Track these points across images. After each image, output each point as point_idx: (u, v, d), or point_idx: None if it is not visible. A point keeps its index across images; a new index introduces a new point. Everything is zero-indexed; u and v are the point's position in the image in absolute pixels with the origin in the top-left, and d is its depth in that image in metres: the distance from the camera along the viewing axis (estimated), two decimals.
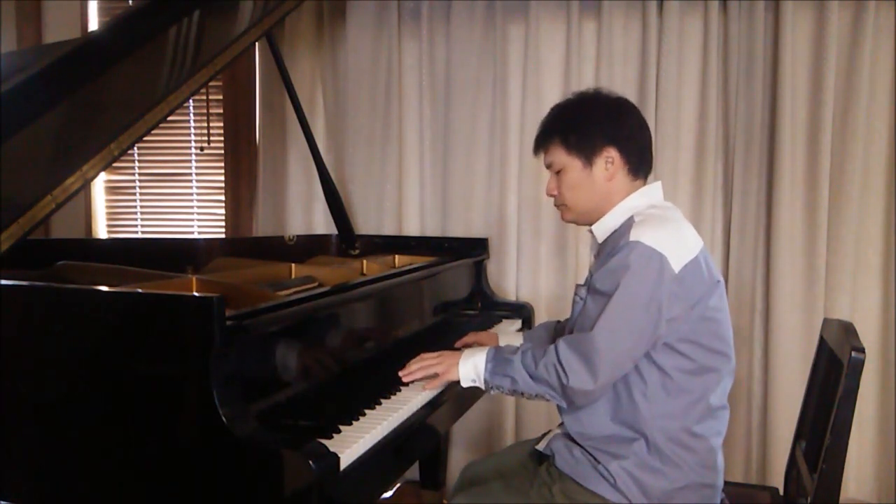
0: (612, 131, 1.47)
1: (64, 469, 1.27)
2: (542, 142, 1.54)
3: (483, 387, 1.49)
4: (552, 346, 1.40)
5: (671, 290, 1.33)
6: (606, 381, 1.36)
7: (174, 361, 1.18)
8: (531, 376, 1.40)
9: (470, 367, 1.49)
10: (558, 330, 1.86)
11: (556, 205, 1.57)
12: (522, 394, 1.44)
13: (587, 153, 1.47)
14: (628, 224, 1.41)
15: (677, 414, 1.39)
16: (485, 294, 2.53)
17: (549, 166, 1.54)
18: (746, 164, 2.55)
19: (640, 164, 1.49)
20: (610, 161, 1.46)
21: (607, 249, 1.43)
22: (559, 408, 1.52)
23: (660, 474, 1.39)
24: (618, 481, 1.39)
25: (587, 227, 1.55)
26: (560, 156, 1.50)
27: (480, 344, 1.86)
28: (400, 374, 1.54)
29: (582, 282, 1.52)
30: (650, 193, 1.50)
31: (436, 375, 1.52)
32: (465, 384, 1.50)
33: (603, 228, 1.50)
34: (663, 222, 1.40)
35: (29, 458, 1.30)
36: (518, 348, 1.47)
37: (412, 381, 1.55)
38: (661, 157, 2.59)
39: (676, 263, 1.34)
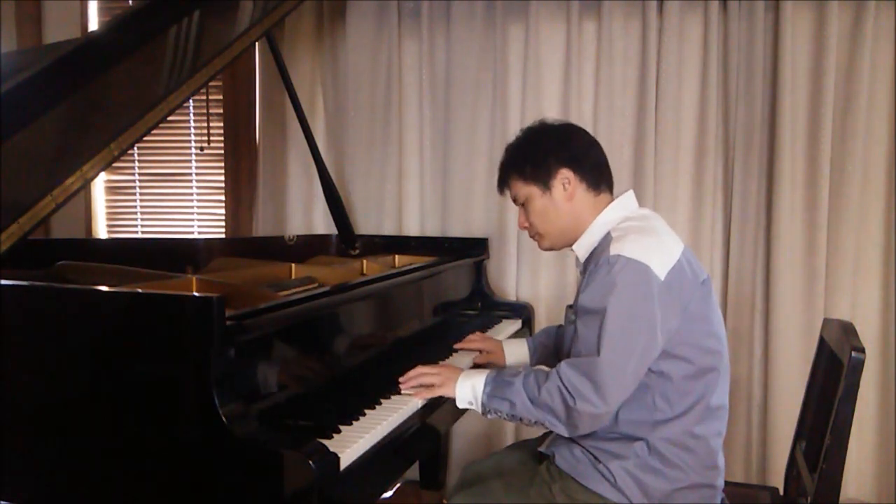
0: (562, 153, 1.51)
1: (64, 469, 1.27)
2: (503, 180, 1.60)
3: (480, 410, 1.46)
4: (554, 371, 1.38)
5: (661, 298, 1.34)
6: (616, 402, 1.35)
7: (174, 362, 1.18)
8: (532, 401, 1.37)
9: (468, 389, 1.46)
10: (559, 335, 1.86)
11: (530, 235, 1.62)
12: (521, 419, 1.41)
13: (543, 179, 1.52)
14: (607, 239, 1.43)
15: (678, 417, 1.40)
16: (485, 294, 2.53)
17: (514, 200, 1.60)
18: (746, 164, 2.55)
19: (598, 178, 1.53)
20: (566, 182, 1.50)
21: (591, 268, 1.45)
22: None
23: (660, 474, 1.39)
24: (618, 481, 1.39)
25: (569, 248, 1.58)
26: (520, 188, 1.56)
27: (485, 350, 1.87)
28: (400, 380, 1.54)
29: (571, 302, 1.53)
30: (623, 205, 1.52)
31: (431, 387, 1.50)
32: (460, 405, 1.48)
33: (583, 247, 1.53)
34: (641, 232, 1.41)
35: (29, 458, 1.30)
36: (520, 371, 1.44)
37: (408, 388, 1.53)
38: (661, 157, 2.59)
39: (661, 271, 1.34)
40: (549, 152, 1.52)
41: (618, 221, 1.48)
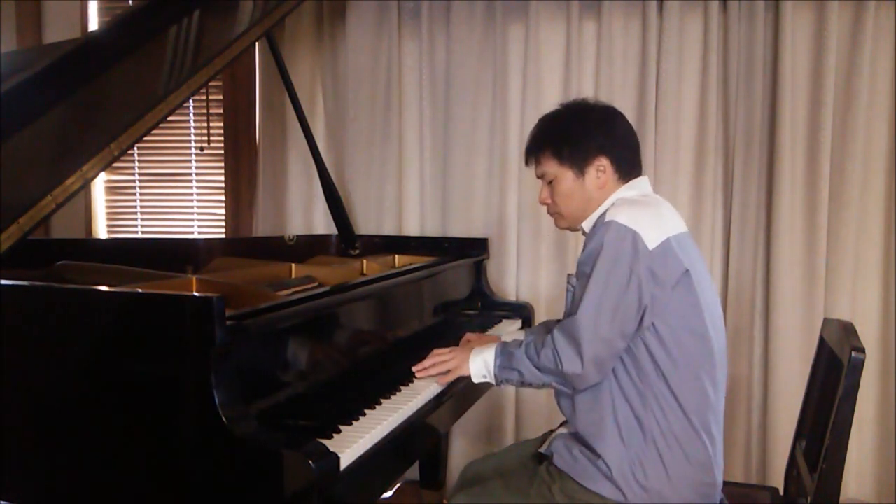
0: (603, 141, 1.50)
1: (64, 469, 1.27)
2: (534, 153, 1.57)
3: (494, 382, 1.54)
4: (549, 335, 1.44)
5: (648, 266, 1.35)
6: (593, 361, 1.38)
7: (174, 362, 1.18)
8: (536, 367, 1.45)
9: (480, 364, 1.54)
10: None
11: (550, 213, 1.61)
12: (531, 384, 1.48)
13: (579, 164, 1.51)
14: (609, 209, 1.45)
15: (674, 409, 1.40)
16: (485, 294, 2.53)
17: (541, 176, 1.58)
18: (746, 164, 2.55)
19: (630, 169, 1.53)
20: (601, 170, 1.50)
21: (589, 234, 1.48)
22: (560, 407, 1.52)
23: (659, 472, 1.39)
24: (617, 479, 1.39)
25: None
26: (552, 167, 1.53)
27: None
28: (414, 369, 1.61)
29: (573, 272, 1.53)
30: (636, 186, 1.53)
31: (448, 372, 1.58)
32: (476, 380, 1.56)
33: (591, 221, 1.53)
34: (640, 204, 1.44)
35: (29, 458, 1.30)
36: (522, 341, 1.50)
37: (426, 377, 1.61)
38: (661, 157, 2.59)
39: (651, 241, 1.36)
40: (591, 137, 1.50)
41: (626, 197, 1.49)
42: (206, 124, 2.92)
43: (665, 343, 1.38)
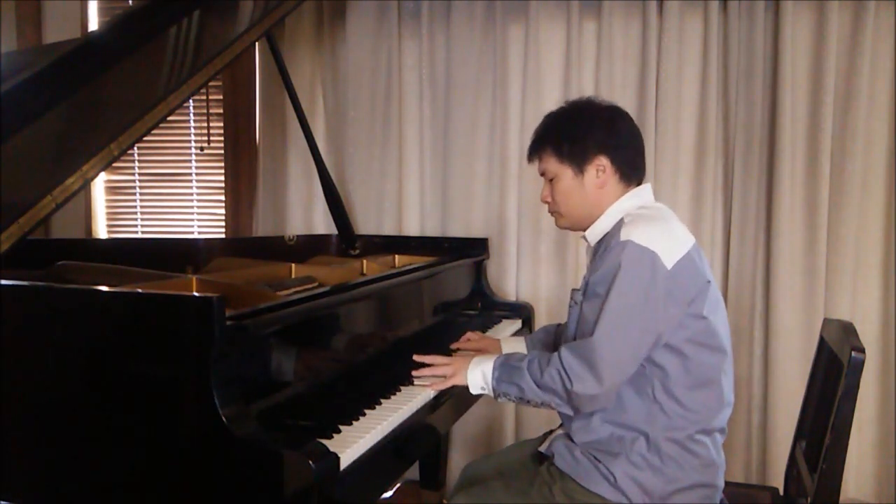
0: (604, 140, 1.49)
1: (64, 469, 1.27)
2: (536, 150, 1.56)
3: (491, 394, 1.50)
4: (555, 354, 1.40)
5: (666, 287, 1.34)
6: (612, 384, 1.36)
7: (174, 362, 1.18)
8: (537, 384, 1.41)
9: (478, 375, 1.50)
10: (558, 333, 1.85)
11: (550, 212, 1.60)
12: (529, 401, 1.44)
13: (578, 162, 1.49)
14: (619, 225, 1.43)
15: (679, 414, 1.40)
16: (485, 294, 2.53)
17: (542, 174, 1.57)
18: (746, 164, 2.55)
19: (632, 171, 1.51)
20: (601, 169, 1.49)
21: (600, 252, 1.45)
22: (561, 419, 1.52)
23: (660, 474, 1.39)
24: (618, 481, 1.39)
25: (581, 234, 1.57)
26: (552, 164, 1.52)
27: (482, 350, 1.86)
28: (413, 372, 1.58)
29: (578, 286, 1.52)
30: (640, 195, 1.51)
31: (444, 379, 1.55)
32: (473, 391, 1.52)
33: (595, 232, 1.52)
34: (653, 221, 1.42)
35: (29, 458, 1.30)
36: (525, 356, 1.47)
37: (420, 379, 1.58)
38: (661, 157, 2.59)
39: (669, 260, 1.35)
40: (592, 135, 1.49)
41: (632, 209, 1.47)
42: (206, 124, 2.92)
43: (679, 356, 1.38)
